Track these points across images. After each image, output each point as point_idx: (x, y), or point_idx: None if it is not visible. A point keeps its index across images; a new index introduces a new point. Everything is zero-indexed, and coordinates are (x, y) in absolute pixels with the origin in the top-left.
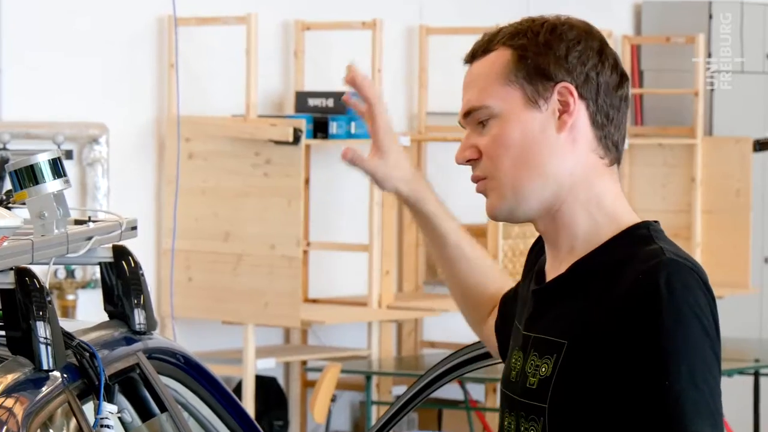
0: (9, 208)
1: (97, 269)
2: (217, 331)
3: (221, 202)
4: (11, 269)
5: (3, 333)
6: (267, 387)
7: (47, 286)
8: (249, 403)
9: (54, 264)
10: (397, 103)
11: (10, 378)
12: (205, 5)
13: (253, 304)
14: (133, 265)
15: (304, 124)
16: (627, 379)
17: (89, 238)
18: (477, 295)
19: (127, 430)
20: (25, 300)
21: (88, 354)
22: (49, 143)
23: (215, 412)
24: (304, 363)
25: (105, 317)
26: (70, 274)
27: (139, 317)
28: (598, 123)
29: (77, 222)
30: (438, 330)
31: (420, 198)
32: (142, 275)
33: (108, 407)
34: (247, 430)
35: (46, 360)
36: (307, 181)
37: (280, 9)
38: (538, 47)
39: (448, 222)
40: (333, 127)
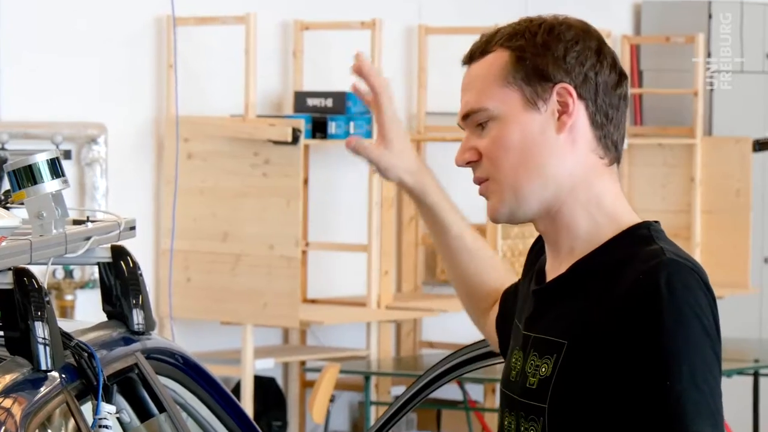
0: (7, 208)
1: (95, 269)
2: (216, 331)
3: (220, 202)
4: (9, 269)
5: (1, 333)
6: (266, 387)
7: (45, 287)
8: (248, 404)
9: (52, 264)
10: (396, 103)
11: (9, 378)
12: (203, 5)
13: (251, 305)
14: (131, 265)
15: (302, 124)
16: (628, 379)
17: (88, 238)
18: (478, 287)
19: (125, 431)
20: (23, 300)
21: (86, 354)
22: (47, 143)
23: (214, 412)
24: (303, 363)
25: (103, 317)
26: (69, 274)
27: (137, 317)
28: (598, 123)
29: (76, 222)
30: (437, 330)
31: (423, 189)
32: (141, 275)
33: (106, 407)
34: (246, 430)
35: (45, 360)
36: (305, 181)
37: (279, 9)
38: (536, 48)
39: (450, 213)
40: (332, 127)
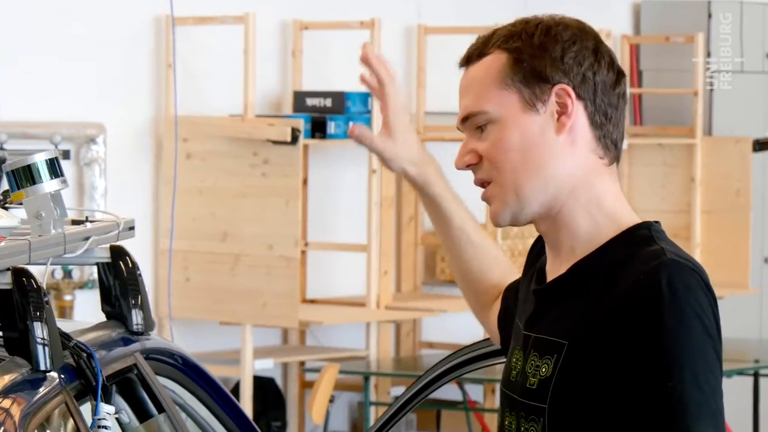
0: (6, 208)
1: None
2: (215, 331)
3: (219, 202)
4: (8, 269)
5: (0, 333)
6: (265, 388)
7: (44, 287)
8: (247, 404)
9: (51, 264)
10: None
11: (8, 379)
12: (202, 5)
13: (250, 305)
14: (130, 265)
15: (302, 123)
16: (629, 380)
17: (86, 239)
18: (480, 280)
19: (124, 431)
20: (22, 300)
21: (85, 354)
22: (46, 143)
23: (213, 412)
24: (302, 363)
25: (102, 318)
26: (68, 274)
27: (136, 318)
28: (597, 123)
29: (74, 222)
30: (436, 330)
31: (427, 180)
32: (140, 275)
33: (105, 408)
34: (245, 430)
35: (44, 361)
36: (305, 181)
37: (278, 8)
38: (533, 50)
39: (453, 205)
40: (331, 127)
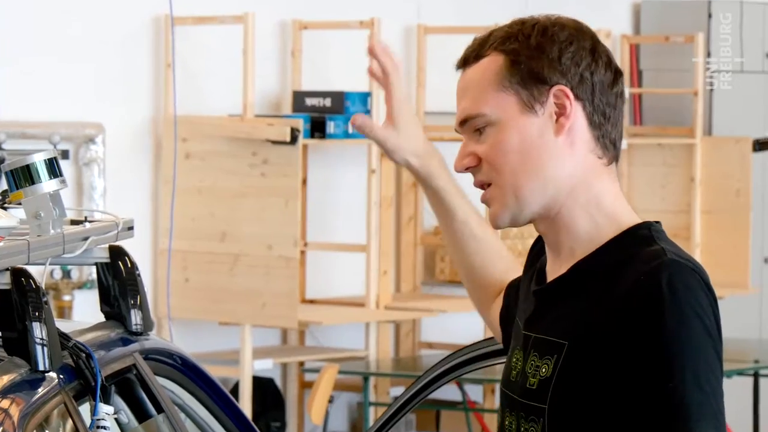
0: (5, 208)
1: (93, 270)
2: (214, 331)
3: (218, 202)
4: (7, 270)
5: None
6: (264, 388)
7: (43, 287)
8: (246, 404)
9: (50, 264)
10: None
11: (6, 379)
12: (202, 4)
13: (250, 305)
14: (129, 265)
15: (301, 123)
16: (629, 380)
17: (85, 239)
18: (483, 275)
19: (123, 431)
20: (21, 301)
21: (84, 355)
22: (45, 143)
23: (212, 413)
24: (302, 364)
25: (101, 318)
26: (67, 274)
27: (135, 318)
28: (596, 123)
29: (73, 222)
30: (436, 331)
31: (430, 173)
32: (139, 276)
33: (104, 408)
34: (244, 431)
35: (42, 361)
36: (304, 181)
37: (278, 8)
38: (530, 51)
39: (457, 198)
40: (330, 127)
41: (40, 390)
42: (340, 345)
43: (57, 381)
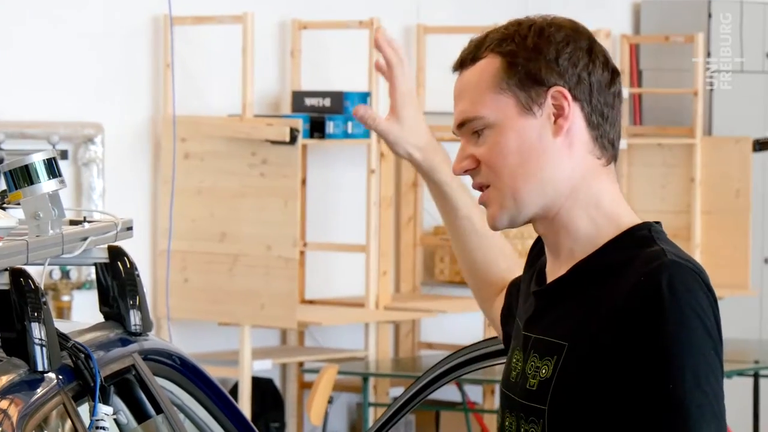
0: (4, 209)
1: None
2: (213, 332)
3: (217, 203)
4: (6, 270)
5: None
6: (263, 388)
7: (42, 287)
8: (245, 405)
9: (49, 265)
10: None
11: (5, 380)
12: (201, 4)
13: (249, 305)
14: (128, 265)
15: (300, 123)
16: (629, 382)
17: (84, 239)
18: (486, 271)
19: None
20: (19, 301)
21: (83, 355)
22: (44, 143)
23: (211, 413)
24: (301, 364)
25: (100, 318)
26: (66, 274)
27: (134, 318)
28: (594, 123)
29: (72, 222)
30: (435, 331)
31: (433, 166)
32: (138, 276)
33: (103, 409)
34: (243, 431)
35: (41, 361)
36: (303, 182)
37: (277, 8)
38: (527, 52)
39: (459, 193)
40: (330, 127)
41: (39, 390)
42: (339, 345)
43: (56, 381)
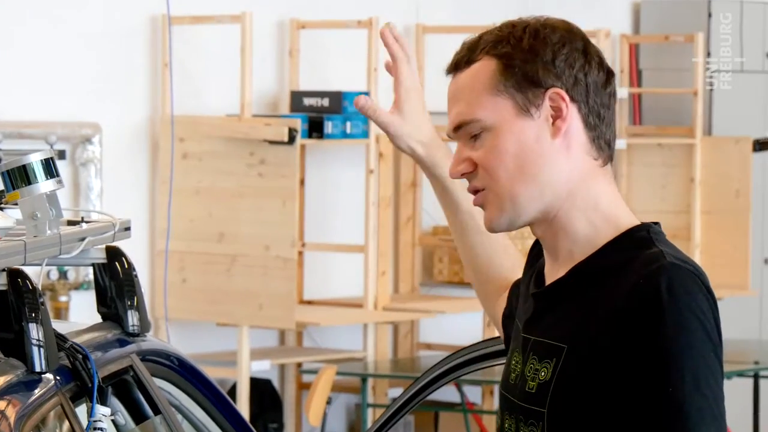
0: (1, 209)
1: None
2: (212, 332)
3: (215, 203)
4: (3, 270)
5: None
6: (262, 389)
7: (40, 288)
8: (243, 406)
9: (47, 265)
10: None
11: (3, 380)
12: (199, 4)
13: (247, 306)
14: (126, 266)
15: (299, 123)
16: (629, 384)
17: (82, 239)
18: (488, 270)
19: None
20: (17, 301)
21: (81, 356)
22: (41, 143)
23: (209, 414)
24: (299, 365)
25: (98, 319)
26: (63, 275)
27: (132, 319)
28: (591, 124)
29: (70, 223)
30: (434, 332)
31: (435, 162)
32: (136, 276)
33: (101, 410)
34: None
35: (39, 362)
36: (302, 182)
37: (275, 8)
38: (523, 54)
39: (461, 190)
40: (328, 127)
41: (36, 391)
42: (338, 346)
43: (54, 382)
